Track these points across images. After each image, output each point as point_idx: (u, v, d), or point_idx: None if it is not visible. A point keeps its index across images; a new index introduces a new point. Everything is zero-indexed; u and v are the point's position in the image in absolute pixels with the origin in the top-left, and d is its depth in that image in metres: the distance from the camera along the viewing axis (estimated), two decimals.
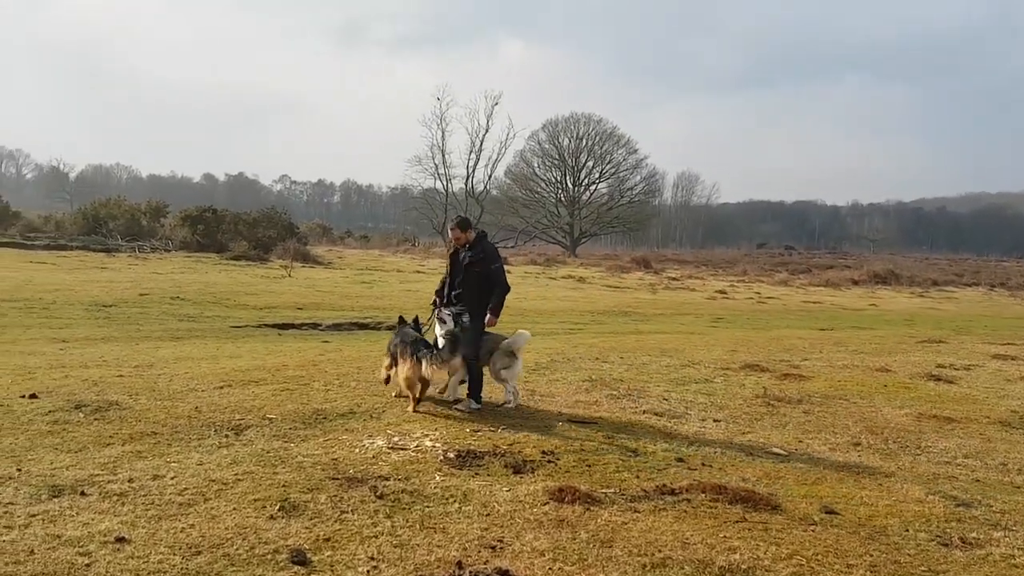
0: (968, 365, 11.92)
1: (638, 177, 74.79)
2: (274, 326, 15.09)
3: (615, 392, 8.60)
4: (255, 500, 4.67)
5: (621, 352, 11.77)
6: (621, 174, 74.20)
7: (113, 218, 42.67)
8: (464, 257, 7.70)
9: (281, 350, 11.03)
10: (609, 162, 73.59)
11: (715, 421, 7.59)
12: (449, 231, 8.06)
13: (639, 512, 4.76)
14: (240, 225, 42.23)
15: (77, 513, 4.36)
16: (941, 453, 6.84)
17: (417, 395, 7.24)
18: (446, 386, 7.88)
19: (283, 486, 4.93)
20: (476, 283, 7.59)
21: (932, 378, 10.64)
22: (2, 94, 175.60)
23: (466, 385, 7.64)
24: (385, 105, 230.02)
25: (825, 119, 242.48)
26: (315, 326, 15.50)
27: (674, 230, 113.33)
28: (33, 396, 7.07)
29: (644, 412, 7.76)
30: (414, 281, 30.49)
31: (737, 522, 4.68)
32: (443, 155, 69.44)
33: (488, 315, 7.52)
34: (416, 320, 8.06)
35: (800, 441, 6.99)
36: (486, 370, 7.60)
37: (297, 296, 21.16)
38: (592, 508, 4.77)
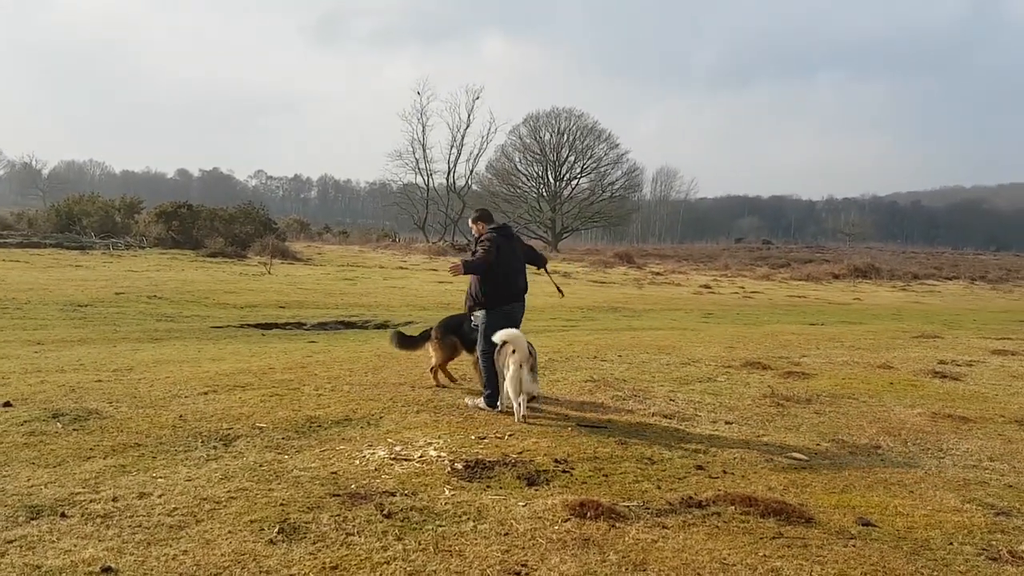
0: (970, 361, 11.72)
1: (619, 172, 74.70)
2: (257, 326, 14.63)
3: (620, 393, 8.27)
4: (251, 521, 4.27)
5: (619, 350, 11.46)
6: (602, 169, 74.10)
7: (87, 215, 41.76)
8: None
9: (266, 352, 10.60)
10: (590, 157, 73.43)
11: (726, 423, 7.27)
12: (471, 224, 7.81)
13: (668, 528, 4.42)
14: (216, 221, 41.54)
15: (58, 539, 3.94)
16: (964, 456, 6.56)
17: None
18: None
19: (281, 505, 4.54)
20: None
21: (936, 375, 10.41)
22: None
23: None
24: (363, 100, 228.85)
25: (801, 115, 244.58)
26: (300, 325, 15.06)
27: (653, 225, 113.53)
28: (7, 404, 6.63)
29: (653, 414, 7.43)
30: (398, 277, 30.05)
31: (774, 538, 4.36)
32: (424, 150, 69.05)
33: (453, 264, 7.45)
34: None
35: (818, 444, 6.69)
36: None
37: (279, 294, 20.67)
38: (617, 525, 4.42)
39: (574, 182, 74.65)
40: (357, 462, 5.45)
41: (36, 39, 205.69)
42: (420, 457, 5.61)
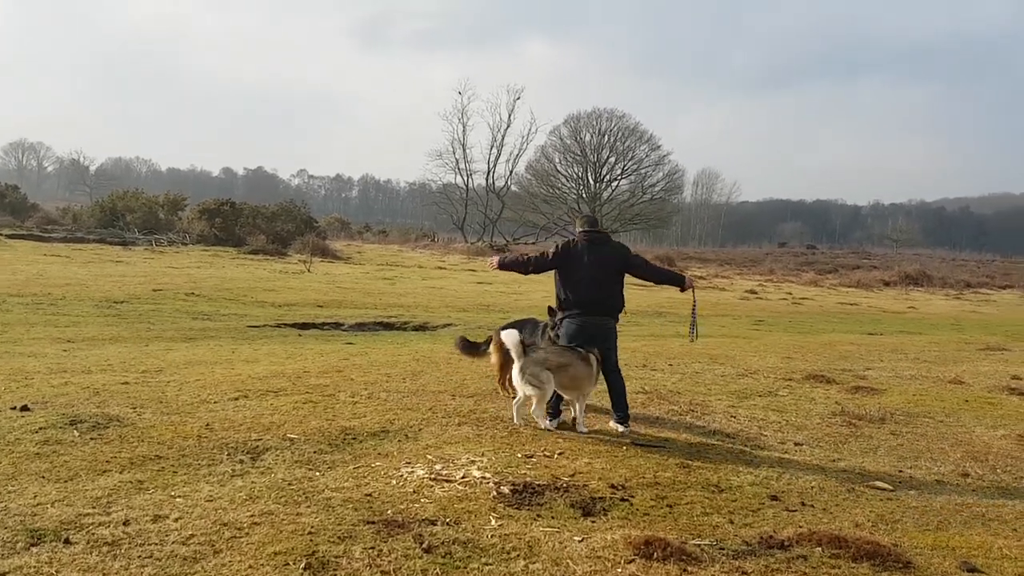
0: None
1: (660, 174, 73.35)
2: (293, 325, 14.29)
3: (675, 407, 7.68)
4: (276, 553, 3.79)
5: (668, 358, 10.85)
6: (643, 170, 72.86)
7: (130, 211, 42.12)
8: None
9: (302, 353, 10.19)
10: (631, 158, 72.30)
11: (796, 444, 6.65)
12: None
13: (748, 575, 3.85)
14: (258, 219, 41.64)
15: (57, 571, 3.50)
16: None
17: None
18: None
19: (309, 533, 4.05)
20: None
21: (1013, 392, 9.65)
22: (25, 89, 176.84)
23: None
24: (405, 102, 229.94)
25: (845, 118, 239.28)
26: (337, 325, 14.69)
27: (694, 228, 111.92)
28: (25, 408, 6.25)
29: (714, 433, 6.83)
30: (437, 278, 29.68)
31: None
32: (464, 150, 68.80)
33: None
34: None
35: (900, 471, 6.05)
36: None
37: (317, 293, 20.38)
38: (690, 569, 3.86)
39: (614, 184, 73.67)
40: (394, 482, 4.96)
41: (88, 38, 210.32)
42: (463, 478, 5.10)
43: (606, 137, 71.59)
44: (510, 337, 6.46)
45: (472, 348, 8.24)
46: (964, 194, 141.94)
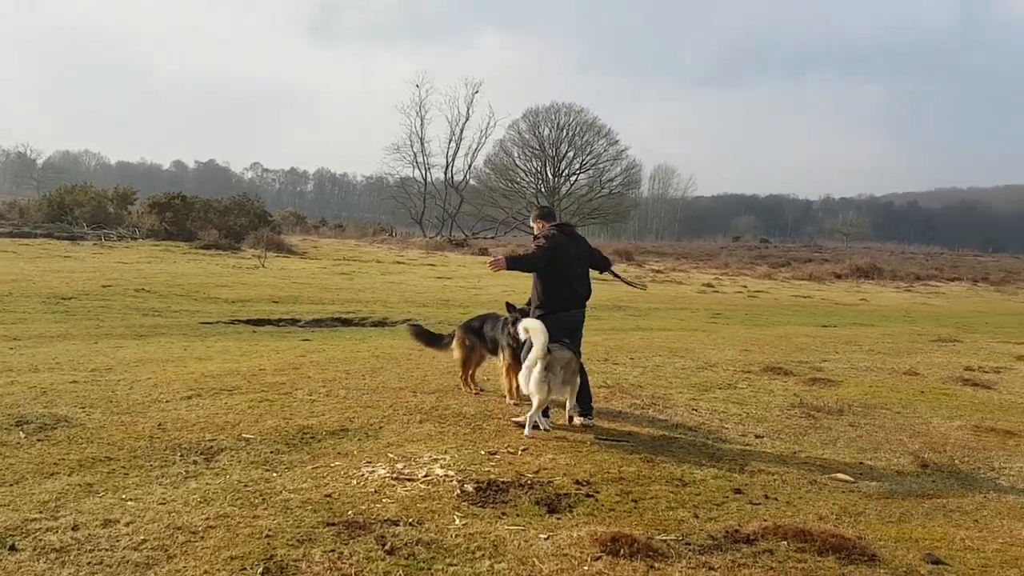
0: (996, 368, 11.17)
1: (618, 168, 73.90)
2: (248, 322, 13.97)
3: (638, 401, 7.66)
4: (232, 558, 3.66)
5: (629, 352, 10.85)
6: (601, 165, 73.34)
7: (79, 205, 40.87)
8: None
9: (257, 350, 9.96)
10: (590, 153, 72.68)
11: (757, 437, 6.67)
12: (532, 222, 6.89)
13: (715, 570, 3.81)
14: (210, 212, 40.74)
15: None
16: (1020, 476, 5.98)
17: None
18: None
19: (267, 536, 3.92)
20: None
21: (966, 383, 9.85)
22: None
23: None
24: (361, 94, 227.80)
25: (797, 114, 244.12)
26: (294, 322, 14.40)
27: (651, 222, 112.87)
28: None
29: (676, 426, 6.82)
30: (396, 273, 29.39)
31: None
32: (422, 143, 68.41)
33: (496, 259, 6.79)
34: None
35: (860, 463, 6.10)
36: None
37: (272, 288, 20.01)
38: (656, 565, 3.81)
39: (572, 178, 73.97)
40: (354, 482, 4.83)
41: (34, 29, 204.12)
42: (425, 476, 4.99)
43: (564, 132, 71.85)
44: (540, 336, 6.07)
45: (431, 340, 8.12)
46: (912, 189, 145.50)
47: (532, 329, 6.11)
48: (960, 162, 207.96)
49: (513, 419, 6.52)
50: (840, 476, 5.63)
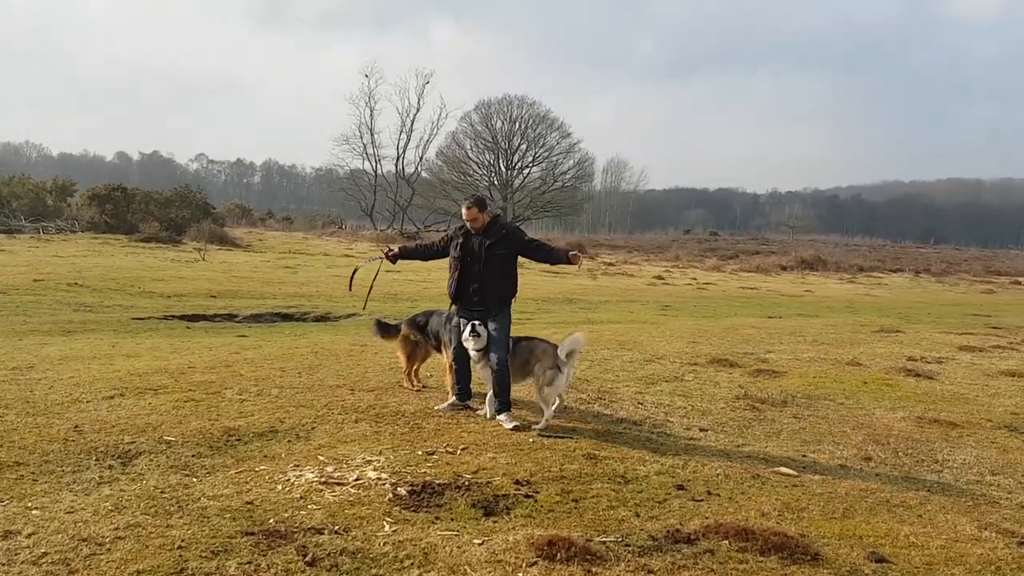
0: (939, 358, 11.29)
1: (571, 161, 73.80)
2: (182, 317, 13.48)
3: (584, 396, 7.51)
4: (139, 572, 3.39)
5: None
6: (554, 158, 73.18)
7: (16, 197, 39.44)
8: (481, 242, 6.47)
9: (189, 347, 9.56)
10: (542, 145, 72.42)
11: (701, 430, 6.56)
12: (464, 211, 6.60)
13: (654, 573, 3.65)
14: (151, 205, 39.61)
15: None
16: (963, 469, 5.96)
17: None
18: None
19: (179, 547, 3.64)
20: (500, 269, 6.49)
21: (909, 373, 9.91)
22: None
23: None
24: (309, 84, 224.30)
25: (744, 108, 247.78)
26: (231, 317, 13.95)
27: (604, 215, 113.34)
28: None
29: (621, 421, 6.68)
30: (343, 266, 28.85)
31: None
32: (372, 135, 67.30)
33: (573, 252, 6.57)
34: None
35: (804, 456, 6.02)
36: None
37: (211, 282, 19.44)
38: (594, 569, 3.64)
39: (526, 171, 73.72)
40: (279, 487, 4.57)
41: None
42: (356, 480, 4.75)
43: (517, 124, 71.51)
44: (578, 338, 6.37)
45: (387, 330, 7.83)
46: (856, 182, 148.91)
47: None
48: (903, 156, 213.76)
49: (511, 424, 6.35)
50: (783, 470, 5.54)
